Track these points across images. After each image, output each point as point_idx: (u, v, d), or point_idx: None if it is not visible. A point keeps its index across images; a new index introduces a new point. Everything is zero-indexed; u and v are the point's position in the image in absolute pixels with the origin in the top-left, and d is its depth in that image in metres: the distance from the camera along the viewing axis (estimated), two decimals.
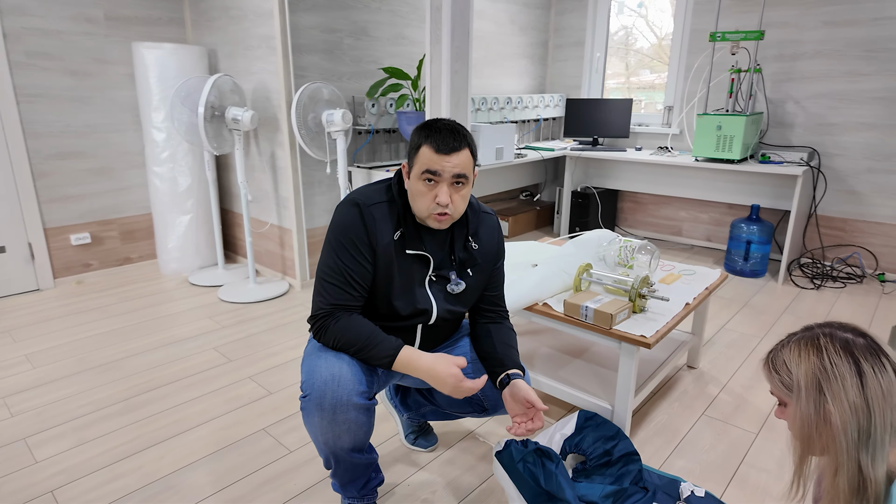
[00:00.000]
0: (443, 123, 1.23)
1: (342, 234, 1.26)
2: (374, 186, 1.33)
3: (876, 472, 0.77)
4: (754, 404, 2.03)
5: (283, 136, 2.97)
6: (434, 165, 1.20)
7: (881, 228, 3.31)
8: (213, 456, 1.72)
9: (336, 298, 1.27)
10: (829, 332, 0.82)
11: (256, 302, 2.99)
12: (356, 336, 1.26)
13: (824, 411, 0.79)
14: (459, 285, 1.38)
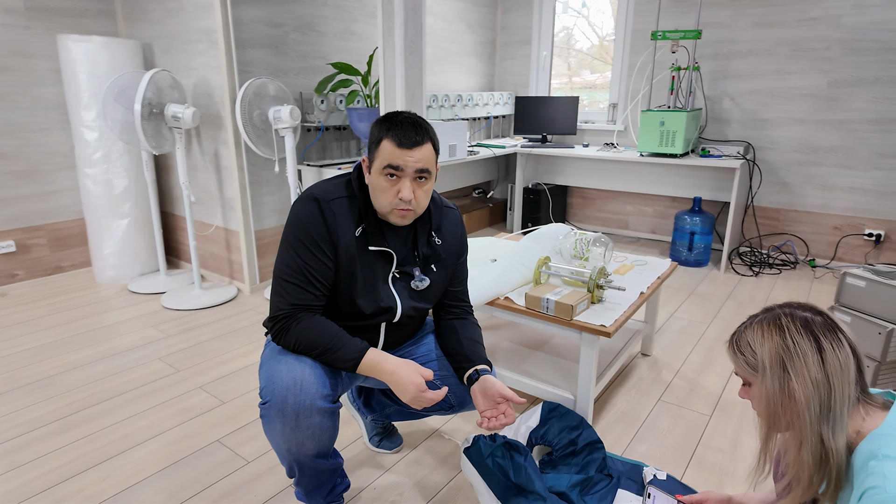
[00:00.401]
0: (404, 116, 1.20)
1: (301, 231, 1.21)
2: (333, 181, 1.28)
3: (837, 443, 0.80)
4: (706, 388, 2.11)
5: (227, 133, 2.84)
6: (396, 160, 1.17)
7: (810, 217, 3.53)
8: (164, 472, 1.62)
9: (297, 298, 1.21)
10: (789, 313, 0.85)
11: (203, 308, 2.85)
12: (319, 338, 1.21)
13: (788, 388, 0.82)
14: (424, 281, 1.35)
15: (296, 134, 2.88)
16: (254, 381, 2.13)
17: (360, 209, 1.26)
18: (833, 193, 3.42)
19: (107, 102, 2.74)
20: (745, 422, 1.88)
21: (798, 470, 0.83)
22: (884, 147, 3.21)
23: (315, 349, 1.20)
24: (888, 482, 0.72)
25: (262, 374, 1.22)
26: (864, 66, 3.19)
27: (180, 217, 3.37)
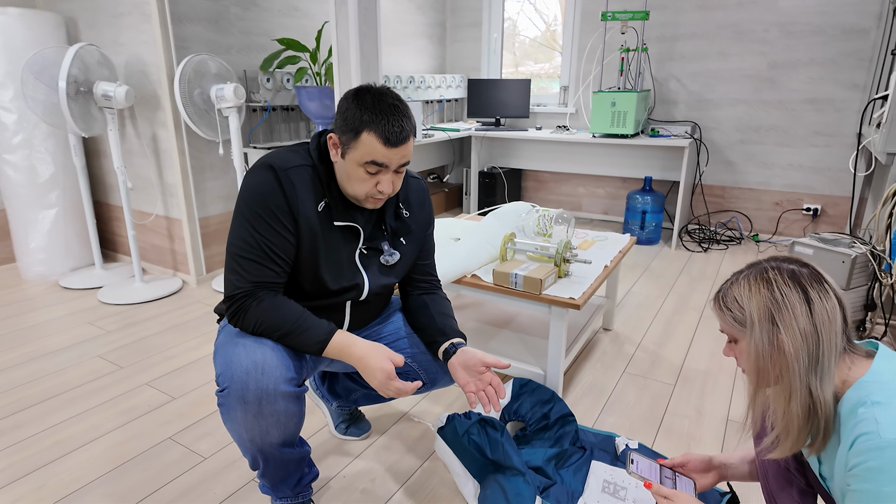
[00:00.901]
0: (387, 103, 1.08)
1: (257, 203, 1.10)
2: (290, 149, 1.18)
3: (825, 393, 0.80)
4: (668, 358, 2.15)
5: (165, 114, 2.65)
6: (381, 158, 1.08)
7: (753, 194, 3.68)
8: (111, 475, 1.48)
9: (256, 276, 1.12)
10: (776, 266, 0.84)
11: (145, 302, 2.66)
12: (283, 318, 1.12)
13: (777, 341, 0.81)
14: (394, 256, 1.28)
15: (241, 114, 2.72)
16: (206, 375, 2.00)
17: (321, 181, 1.16)
18: (773, 171, 3.57)
19: (26, 81, 2.49)
20: (708, 389, 1.93)
21: (787, 423, 0.83)
22: (818, 125, 3.38)
23: (278, 331, 1.11)
24: (881, 427, 0.72)
25: (217, 360, 1.12)
26: (799, 47, 3.33)
27: (115, 206, 3.13)
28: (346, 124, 1.08)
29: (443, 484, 1.46)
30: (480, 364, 1.20)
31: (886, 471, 0.71)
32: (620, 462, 1.52)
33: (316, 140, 1.19)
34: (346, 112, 1.09)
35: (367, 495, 1.42)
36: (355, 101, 1.08)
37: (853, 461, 0.75)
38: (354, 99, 1.08)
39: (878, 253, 2.11)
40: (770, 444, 0.87)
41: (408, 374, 1.37)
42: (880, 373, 0.78)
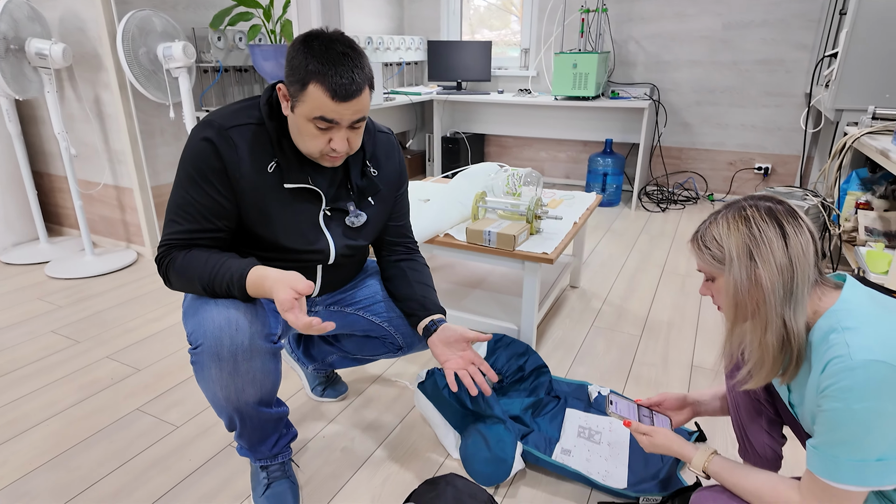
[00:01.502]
0: (336, 51, 0.97)
1: (192, 164, 1.05)
2: (237, 105, 1.10)
3: (798, 324, 0.83)
4: (633, 312, 2.22)
5: (108, 75, 2.48)
6: (331, 114, 1.00)
7: (708, 154, 3.79)
8: (76, 449, 1.42)
9: (185, 236, 1.07)
10: (753, 203, 0.86)
11: (98, 276, 2.53)
12: (203, 264, 1.05)
13: (755, 276, 0.83)
14: (360, 217, 1.22)
15: (191, 75, 2.57)
16: (170, 346, 1.93)
17: (271, 140, 1.08)
18: (727, 131, 3.68)
19: None
20: (672, 338, 2.00)
21: (762, 354, 0.86)
22: (770, 86, 3.49)
23: (200, 279, 1.04)
24: (851, 349, 0.76)
25: (188, 319, 1.08)
26: (753, 9, 3.40)
27: (57, 176, 2.94)
28: (292, 73, 0.99)
29: (423, 438, 1.48)
30: (462, 340, 1.18)
31: (856, 389, 0.75)
32: (594, 409, 1.57)
33: (268, 93, 1.10)
34: (292, 60, 0.99)
35: (348, 454, 1.42)
36: (302, 48, 0.98)
37: (825, 383, 0.79)
38: (302, 45, 0.99)
39: (828, 205, 2.22)
40: (745, 376, 0.90)
41: (384, 338, 1.36)
42: (849, 301, 0.82)
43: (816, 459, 0.81)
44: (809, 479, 0.83)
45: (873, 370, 0.73)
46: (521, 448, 1.31)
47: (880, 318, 0.78)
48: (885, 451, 0.75)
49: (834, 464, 0.78)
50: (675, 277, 2.56)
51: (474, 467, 1.31)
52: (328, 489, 1.31)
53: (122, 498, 1.27)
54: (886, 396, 0.73)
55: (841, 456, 0.77)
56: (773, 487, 0.88)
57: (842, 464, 0.77)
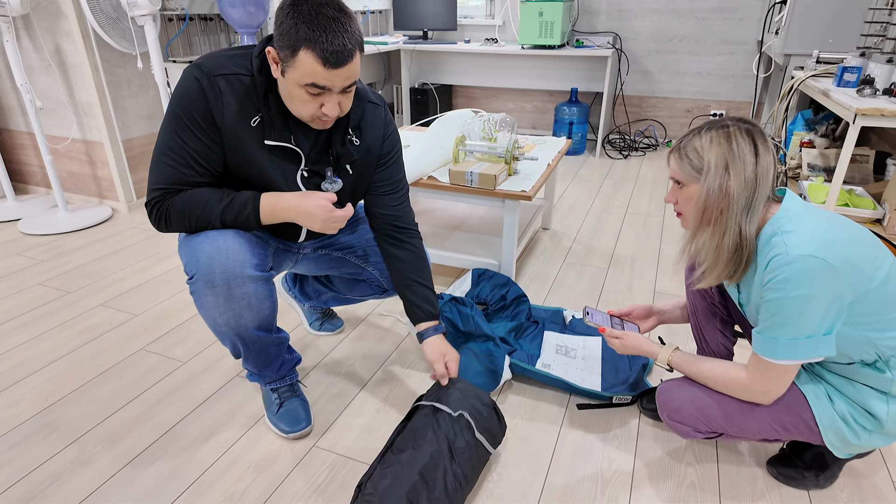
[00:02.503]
0: (326, 16, 0.95)
1: (179, 106, 1.05)
2: (230, 52, 1.09)
3: (751, 231, 0.98)
4: (600, 248, 2.39)
5: (70, 23, 2.40)
6: (322, 81, 0.99)
7: (667, 102, 3.95)
8: (88, 386, 1.50)
9: (175, 179, 1.08)
10: (734, 123, 0.99)
11: (73, 231, 2.52)
12: (206, 199, 1.09)
13: (726, 186, 0.97)
14: (335, 184, 1.20)
15: (157, 23, 2.51)
16: (163, 292, 1.99)
17: (258, 94, 1.07)
18: (685, 79, 3.84)
19: None
20: (636, 269, 2.19)
21: (717, 256, 1.01)
22: (724, 34, 3.64)
23: (210, 214, 1.09)
24: (789, 247, 0.92)
25: (182, 253, 1.13)
26: None
27: (18, 132, 2.85)
28: (282, 39, 0.97)
29: (420, 360, 1.62)
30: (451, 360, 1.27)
31: (793, 279, 0.91)
32: (568, 330, 1.74)
33: (261, 46, 1.08)
34: (281, 24, 0.97)
35: (351, 376, 1.55)
36: (291, 12, 0.95)
37: (767, 277, 0.95)
38: (291, 9, 0.96)
39: (776, 144, 2.41)
40: (700, 275, 1.06)
41: (371, 281, 1.45)
42: (788, 210, 0.98)
43: (759, 342, 0.98)
44: (754, 360, 1.01)
45: (805, 263, 0.89)
46: (509, 361, 1.46)
47: (812, 222, 0.94)
48: (813, 329, 0.92)
49: (773, 344, 0.95)
50: (638, 217, 2.74)
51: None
52: (337, 405, 1.44)
53: (142, 423, 1.37)
54: (816, 284, 0.90)
55: (779, 337, 0.94)
56: (725, 370, 1.05)
57: (779, 343, 0.95)
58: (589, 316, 1.29)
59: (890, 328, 0.95)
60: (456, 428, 1.13)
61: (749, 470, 1.24)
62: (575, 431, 1.36)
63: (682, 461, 1.26)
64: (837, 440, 1.04)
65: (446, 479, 1.06)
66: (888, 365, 0.97)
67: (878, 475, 1.23)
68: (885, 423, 1.00)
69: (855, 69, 2.02)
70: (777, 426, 1.04)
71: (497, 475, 1.23)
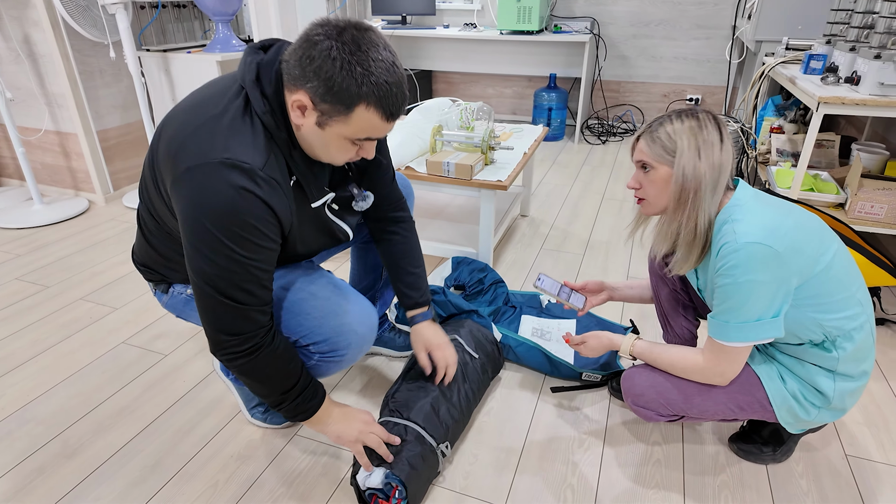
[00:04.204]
0: (386, 63, 0.84)
1: (237, 224, 0.87)
2: (236, 128, 0.89)
3: (711, 212, 1.03)
4: (576, 234, 2.44)
5: (38, 12, 2.35)
6: (377, 133, 0.90)
7: (644, 87, 3.99)
8: (70, 380, 1.52)
9: (259, 303, 0.95)
10: (702, 111, 1.02)
11: (49, 225, 2.50)
12: (294, 370, 1.02)
13: (698, 169, 1.00)
14: (367, 199, 1.13)
15: (128, 11, 2.47)
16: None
17: (285, 155, 0.94)
18: (661, 64, 3.88)
19: None
20: (610, 254, 2.24)
21: (693, 237, 1.03)
22: (699, 19, 3.67)
23: (292, 385, 1.03)
24: (737, 235, 0.97)
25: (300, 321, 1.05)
26: None
27: None
28: (330, 93, 0.84)
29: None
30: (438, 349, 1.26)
31: (741, 265, 0.96)
32: (545, 314, 1.79)
33: (263, 101, 0.89)
34: (331, 76, 0.82)
35: None
36: (344, 64, 0.82)
37: (718, 264, 1.00)
38: (343, 56, 0.81)
39: (747, 130, 2.47)
40: (676, 261, 1.09)
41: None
42: (739, 198, 1.03)
43: (713, 326, 1.03)
44: (709, 343, 1.06)
45: (752, 250, 0.94)
46: (496, 328, 1.53)
47: (760, 211, 0.99)
48: (762, 312, 0.98)
49: (725, 327, 1.01)
50: (614, 203, 2.79)
51: None
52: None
53: (125, 415, 1.39)
54: (762, 270, 0.95)
55: (731, 320, 1.00)
56: (683, 356, 1.11)
57: (730, 326, 1.00)
58: (539, 282, 1.34)
59: (835, 310, 1.01)
60: (467, 357, 1.37)
61: (712, 447, 1.31)
62: (548, 414, 1.41)
63: (649, 441, 1.33)
64: (790, 417, 1.10)
65: (460, 395, 1.29)
66: (834, 345, 1.04)
67: (831, 447, 1.30)
68: (832, 399, 1.06)
69: (821, 56, 2.07)
70: (733, 406, 1.11)
71: (472, 456, 1.28)
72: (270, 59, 0.91)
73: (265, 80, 0.90)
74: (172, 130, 0.92)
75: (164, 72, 2.69)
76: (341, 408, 1.14)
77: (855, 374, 1.06)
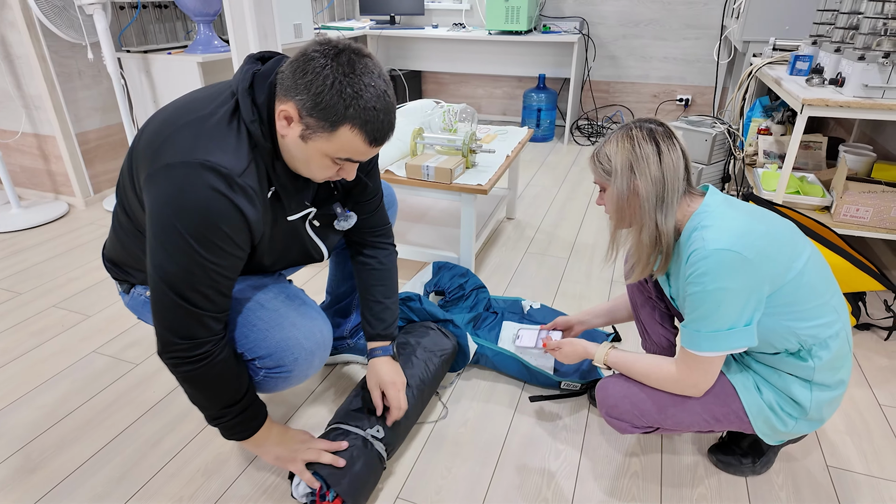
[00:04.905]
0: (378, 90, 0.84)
1: (201, 222, 0.85)
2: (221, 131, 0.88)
3: (668, 226, 1.01)
4: (562, 237, 2.41)
5: (13, 13, 2.31)
6: (359, 157, 0.90)
7: (634, 87, 3.97)
8: (38, 390, 1.48)
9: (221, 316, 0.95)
10: (638, 125, 1.01)
11: (27, 229, 2.46)
12: (240, 384, 1.00)
13: (634, 186, 0.99)
14: (349, 219, 1.11)
15: (107, 12, 2.43)
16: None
17: (266, 165, 0.93)
18: (651, 64, 3.85)
19: None
20: (596, 257, 2.22)
21: (639, 251, 1.04)
22: (689, 18, 3.65)
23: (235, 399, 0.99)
24: (706, 242, 0.94)
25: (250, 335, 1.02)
26: None
27: None
28: (317, 109, 0.84)
29: None
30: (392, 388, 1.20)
31: (710, 273, 0.93)
32: (527, 319, 1.76)
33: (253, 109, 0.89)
34: (320, 92, 0.82)
35: None
36: (335, 83, 0.82)
37: (688, 272, 0.97)
38: (335, 76, 0.82)
39: (734, 132, 2.45)
40: (629, 270, 1.09)
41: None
42: (708, 205, 1.00)
43: (684, 335, 1.01)
44: (681, 353, 1.04)
45: (721, 257, 0.92)
46: (471, 338, 1.50)
47: (729, 216, 0.97)
48: (733, 321, 0.95)
49: (696, 337, 0.98)
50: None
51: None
52: (290, 405, 1.44)
53: (92, 427, 1.36)
54: (732, 277, 0.92)
55: (701, 329, 0.97)
56: (657, 366, 1.08)
57: (702, 336, 0.97)
58: (518, 339, 1.37)
59: (810, 317, 0.98)
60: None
61: (691, 458, 1.28)
62: (525, 424, 1.38)
63: (626, 452, 1.30)
64: (767, 428, 1.08)
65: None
66: (810, 354, 1.01)
67: (812, 458, 1.28)
68: (809, 410, 1.04)
69: (807, 58, 2.05)
70: (709, 417, 1.08)
71: (446, 469, 1.25)
72: (267, 71, 0.91)
73: (258, 89, 0.90)
74: (157, 125, 0.91)
75: (145, 73, 2.64)
76: (280, 429, 1.12)
77: (831, 384, 1.04)
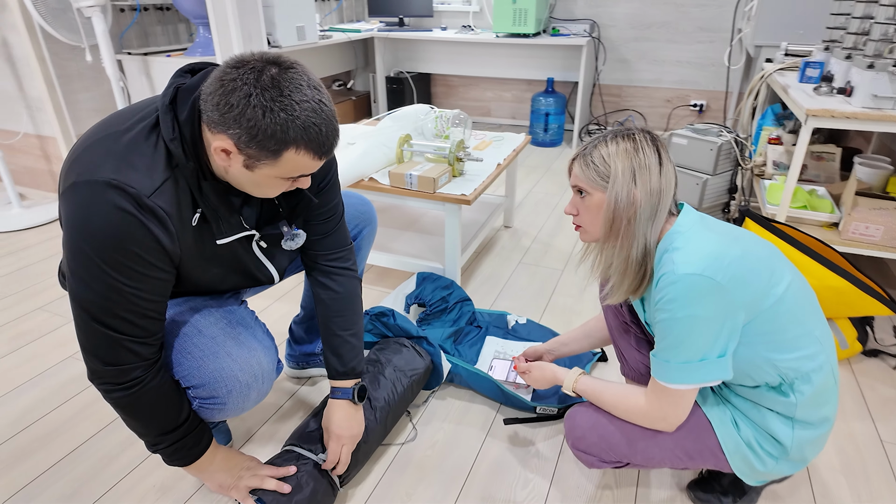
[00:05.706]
0: (312, 101, 0.79)
1: (116, 248, 0.80)
2: (135, 148, 0.82)
3: (650, 241, 0.93)
4: (558, 247, 2.33)
5: (13, 15, 2.32)
6: (310, 170, 0.86)
7: (646, 92, 3.86)
8: (4, 399, 1.47)
9: (149, 341, 0.90)
10: (639, 132, 0.93)
11: (28, 229, 2.48)
12: (179, 410, 0.96)
13: (633, 195, 0.91)
14: (298, 238, 1.05)
15: (106, 15, 2.43)
16: None
17: (190, 188, 0.86)
18: (663, 68, 3.74)
19: None
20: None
21: (626, 268, 0.95)
22: (702, 21, 3.53)
23: (171, 425, 0.96)
24: (676, 265, 0.87)
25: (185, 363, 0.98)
26: None
27: None
28: (255, 141, 0.78)
29: None
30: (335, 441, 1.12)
31: (679, 299, 0.86)
32: (511, 335, 1.70)
33: (174, 127, 0.82)
34: (253, 126, 0.77)
35: (277, 387, 1.51)
36: (266, 112, 0.76)
37: (657, 297, 0.90)
38: (264, 102, 0.76)
39: (741, 141, 2.34)
40: (609, 290, 1.00)
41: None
42: (681, 224, 0.93)
43: (654, 365, 0.93)
44: (651, 384, 0.96)
45: (690, 282, 0.84)
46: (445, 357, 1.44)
47: (703, 238, 0.89)
48: (705, 351, 0.87)
49: (666, 367, 0.91)
50: None
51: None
52: (259, 415, 1.40)
53: (52, 439, 1.34)
54: (703, 304, 0.85)
55: (671, 360, 0.90)
56: (626, 396, 1.01)
57: (672, 367, 0.90)
58: (492, 370, 1.34)
59: (790, 348, 0.90)
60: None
61: (667, 492, 1.20)
62: (496, 449, 1.32)
63: (599, 485, 1.23)
64: (745, 467, 1.00)
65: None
66: (792, 388, 0.93)
67: (800, 497, 1.19)
68: (790, 449, 0.95)
69: (818, 64, 1.94)
70: (681, 454, 1.00)
71: (406, 495, 1.20)
72: (191, 86, 0.84)
73: (181, 105, 0.83)
74: (79, 140, 0.86)
75: (146, 75, 2.65)
76: (225, 454, 1.07)
77: (814, 421, 0.95)
